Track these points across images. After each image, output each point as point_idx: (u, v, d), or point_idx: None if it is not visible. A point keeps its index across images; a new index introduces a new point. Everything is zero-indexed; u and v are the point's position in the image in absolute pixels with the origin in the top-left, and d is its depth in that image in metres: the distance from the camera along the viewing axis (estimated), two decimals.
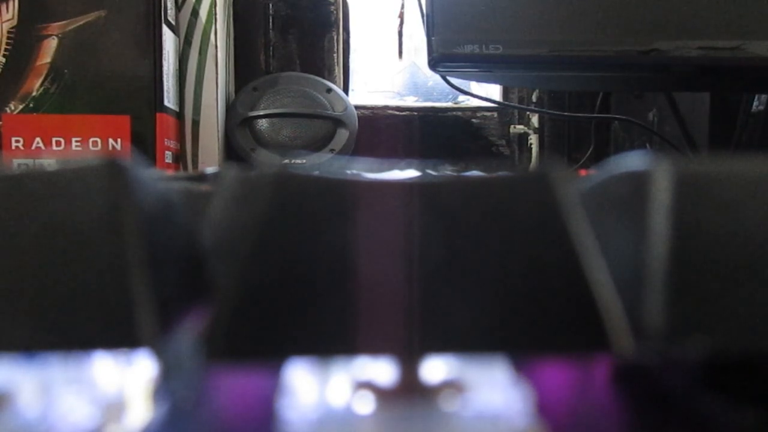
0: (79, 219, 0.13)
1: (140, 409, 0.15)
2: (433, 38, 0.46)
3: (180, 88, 0.61)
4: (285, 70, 0.74)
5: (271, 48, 0.75)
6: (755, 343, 0.14)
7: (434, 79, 0.79)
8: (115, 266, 0.13)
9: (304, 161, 0.63)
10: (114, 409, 0.15)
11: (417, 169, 0.17)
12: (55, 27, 0.54)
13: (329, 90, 0.69)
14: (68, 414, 0.14)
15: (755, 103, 0.56)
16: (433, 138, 0.78)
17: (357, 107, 0.71)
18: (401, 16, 0.81)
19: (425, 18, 0.47)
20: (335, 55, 0.76)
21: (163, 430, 0.14)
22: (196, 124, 0.62)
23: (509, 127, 0.79)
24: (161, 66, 0.55)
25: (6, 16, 0.53)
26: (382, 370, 0.15)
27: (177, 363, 0.16)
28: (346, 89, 0.77)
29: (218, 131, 0.63)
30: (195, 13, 0.62)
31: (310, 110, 0.67)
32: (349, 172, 0.15)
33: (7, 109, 0.54)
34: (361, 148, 0.70)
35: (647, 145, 0.70)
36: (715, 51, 0.45)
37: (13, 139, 0.54)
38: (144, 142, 0.54)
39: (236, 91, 0.70)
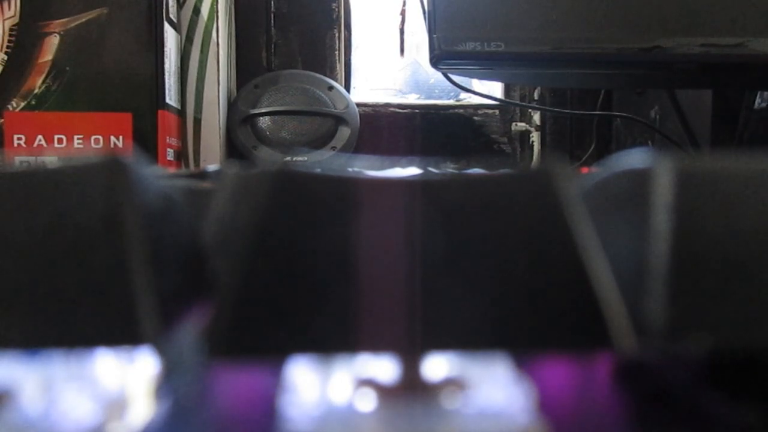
0: (80, 216, 0.13)
1: (142, 406, 0.15)
2: (434, 35, 0.46)
3: (182, 85, 0.61)
4: (286, 68, 0.74)
5: (272, 45, 0.75)
6: (757, 340, 0.14)
7: (436, 76, 0.79)
8: (117, 264, 0.13)
9: (306, 159, 0.63)
10: (116, 406, 0.15)
11: (419, 166, 0.17)
12: (57, 24, 0.54)
13: (331, 87, 0.69)
14: (70, 411, 0.14)
15: (757, 101, 0.56)
16: (434, 136, 0.78)
17: (358, 105, 0.71)
18: (403, 13, 0.81)
19: (427, 15, 0.47)
20: (337, 52, 0.76)
21: (165, 428, 0.14)
22: (197, 121, 0.62)
23: (511, 125, 0.79)
24: (163, 63, 0.55)
25: (8, 14, 0.53)
26: (384, 368, 0.15)
27: (179, 360, 0.16)
28: (347, 87, 0.77)
29: (220, 129, 0.63)
30: (197, 10, 0.62)
31: (311, 108, 0.67)
32: (350, 169, 0.15)
33: (9, 106, 0.54)
34: (362, 145, 0.70)
35: (649, 142, 0.70)
36: (717, 48, 0.45)
37: (15, 136, 0.54)
38: (145, 140, 0.54)
39: (238, 89, 0.70)
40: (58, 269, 0.13)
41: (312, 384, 0.15)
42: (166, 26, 0.56)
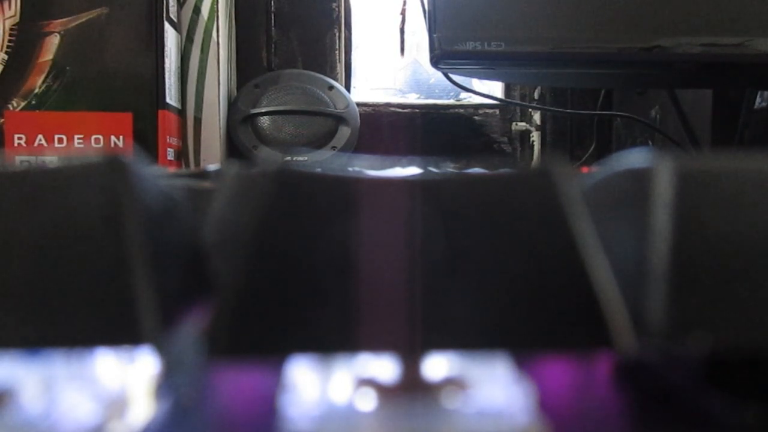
0: (81, 216, 0.13)
1: (142, 405, 0.15)
2: (435, 35, 0.46)
3: (182, 85, 0.61)
4: (287, 68, 0.74)
5: (272, 45, 0.75)
6: (758, 339, 0.14)
7: (436, 76, 0.79)
8: (117, 263, 0.13)
9: (306, 159, 0.63)
10: (116, 405, 0.15)
11: (419, 166, 0.17)
12: (58, 24, 0.54)
13: (331, 87, 0.69)
14: (71, 411, 0.14)
15: (758, 100, 0.56)
16: (434, 135, 0.78)
17: (359, 104, 0.71)
18: (403, 13, 0.81)
19: (427, 15, 0.47)
20: (337, 52, 0.76)
21: (165, 427, 0.14)
22: (198, 121, 0.62)
23: (511, 125, 0.79)
24: (163, 63, 0.55)
25: (8, 13, 0.53)
26: (384, 367, 0.15)
27: (179, 360, 0.16)
28: (348, 86, 0.77)
29: (220, 128, 0.63)
30: (197, 10, 0.62)
31: (311, 107, 0.67)
32: (350, 169, 0.15)
33: (10, 106, 0.54)
34: (362, 145, 0.70)
35: (649, 142, 0.70)
36: (717, 48, 0.45)
37: (16, 136, 0.54)
38: (146, 140, 0.54)
39: (238, 89, 0.70)
40: (58, 269, 0.13)
41: (312, 384, 0.15)
42: (167, 26, 0.56)
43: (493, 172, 0.14)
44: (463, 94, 0.79)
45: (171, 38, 0.57)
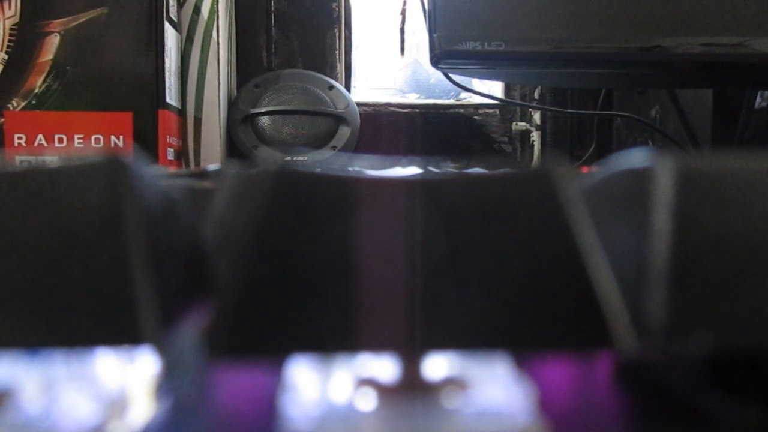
0: (81, 216, 0.13)
1: (143, 405, 0.15)
2: (435, 35, 0.46)
3: (182, 84, 0.61)
4: (287, 67, 0.74)
5: (273, 45, 0.75)
6: (758, 339, 0.14)
7: (436, 76, 0.79)
8: (117, 263, 0.13)
9: (306, 158, 0.63)
10: (116, 405, 0.15)
11: (419, 166, 0.17)
12: (58, 24, 0.54)
13: (331, 87, 0.69)
14: (71, 411, 0.14)
15: (758, 100, 0.56)
16: (434, 135, 0.78)
17: (359, 104, 0.71)
18: (403, 12, 0.81)
19: (427, 15, 0.47)
20: (337, 52, 0.76)
21: (165, 427, 0.14)
22: (198, 121, 0.62)
23: (511, 124, 0.79)
24: (163, 63, 0.55)
25: (8, 13, 0.53)
26: (385, 367, 0.15)
27: (179, 360, 0.16)
28: (348, 86, 0.77)
29: (220, 128, 0.63)
30: (197, 9, 0.62)
31: (311, 107, 0.67)
32: (351, 169, 0.15)
33: (10, 106, 0.54)
34: (363, 145, 0.70)
35: (649, 142, 0.70)
36: (718, 48, 0.45)
37: (16, 136, 0.54)
38: (146, 139, 0.54)
39: (238, 88, 0.70)
40: (58, 269, 0.13)
41: (312, 384, 0.15)
42: (167, 26, 0.56)
43: (493, 172, 0.14)
44: (463, 94, 0.79)
45: (171, 38, 0.57)
